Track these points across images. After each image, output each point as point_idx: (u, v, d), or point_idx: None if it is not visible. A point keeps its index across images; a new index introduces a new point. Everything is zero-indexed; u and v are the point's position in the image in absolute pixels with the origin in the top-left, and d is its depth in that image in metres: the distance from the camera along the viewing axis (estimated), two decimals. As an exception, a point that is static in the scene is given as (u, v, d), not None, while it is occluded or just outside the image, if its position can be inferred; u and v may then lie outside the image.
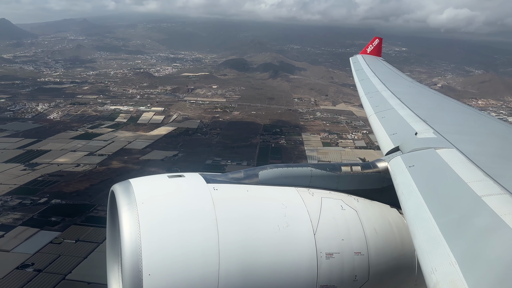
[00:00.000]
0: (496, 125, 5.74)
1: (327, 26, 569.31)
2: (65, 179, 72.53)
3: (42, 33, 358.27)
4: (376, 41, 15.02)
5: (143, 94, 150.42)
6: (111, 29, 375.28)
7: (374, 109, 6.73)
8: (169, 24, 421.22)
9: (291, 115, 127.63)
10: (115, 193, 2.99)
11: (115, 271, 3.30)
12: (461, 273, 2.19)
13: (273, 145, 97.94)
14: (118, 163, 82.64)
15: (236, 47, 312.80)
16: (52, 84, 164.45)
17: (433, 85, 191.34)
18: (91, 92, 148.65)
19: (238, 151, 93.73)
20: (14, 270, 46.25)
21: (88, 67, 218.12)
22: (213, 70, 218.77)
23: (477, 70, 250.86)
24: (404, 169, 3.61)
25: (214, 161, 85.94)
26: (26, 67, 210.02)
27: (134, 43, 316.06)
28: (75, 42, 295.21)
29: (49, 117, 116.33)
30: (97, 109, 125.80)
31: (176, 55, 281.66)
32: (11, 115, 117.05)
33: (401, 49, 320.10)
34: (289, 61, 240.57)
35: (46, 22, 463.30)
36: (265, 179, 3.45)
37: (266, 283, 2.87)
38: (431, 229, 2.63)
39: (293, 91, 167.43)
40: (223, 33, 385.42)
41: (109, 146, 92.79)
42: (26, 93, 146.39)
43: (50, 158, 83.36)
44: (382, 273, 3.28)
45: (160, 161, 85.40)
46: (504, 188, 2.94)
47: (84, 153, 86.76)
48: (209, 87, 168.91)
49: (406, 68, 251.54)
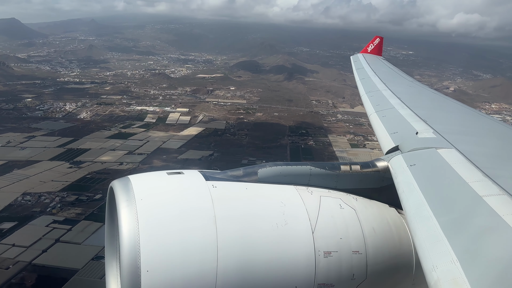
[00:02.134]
0: (495, 126, 5.75)
1: (333, 29, 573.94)
2: (112, 177, 74.49)
3: (51, 33, 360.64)
4: (377, 40, 14.98)
5: (164, 95, 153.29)
6: (119, 29, 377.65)
7: (375, 108, 6.74)
8: (176, 26, 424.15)
9: (313, 117, 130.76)
10: (114, 190, 3.02)
11: (114, 268, 3.34)
12: (463, 271, 2.21)
13: (302, 146, 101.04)
14: (159, 162, 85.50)
15: (245, 49, 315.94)
16: (73, 84, 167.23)
17: (445, 89, 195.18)
18: (114, 93, 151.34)
19: (270, 151, 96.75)
20: (90, 261, 49.07)
21: (103, 67, 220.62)
22: (226, 71, 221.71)
23: (485, 74, 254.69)
24: (405, 167, 3.64)
25: (249, 161, 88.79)
26: (42, 67, 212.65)
27: (144, 44, 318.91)
28: (86, 42, 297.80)
29: (79, 117, 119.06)
30: (124, 110, 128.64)
31: (186, 56, 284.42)
32: (41, 114, 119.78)
33: (408, 53, 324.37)
34: (301, 63, 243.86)
35: (54, 22, 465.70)
36: (264, 177, 3.48)
37: (264, 280, 2.90)
38: (432, 228, 2.65)
39: (309, 93, 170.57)
40: (231, 35, 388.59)
41: (146, 145, 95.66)
42: (49, 92, 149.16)
43: (92, 156, 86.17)
44: (380, 272, 3.30)
45: (198, 160, 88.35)
46: (503, 188, 2.98)
47: (123, 152, 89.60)
48: (227, 88, 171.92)
49: (416, 72, 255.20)
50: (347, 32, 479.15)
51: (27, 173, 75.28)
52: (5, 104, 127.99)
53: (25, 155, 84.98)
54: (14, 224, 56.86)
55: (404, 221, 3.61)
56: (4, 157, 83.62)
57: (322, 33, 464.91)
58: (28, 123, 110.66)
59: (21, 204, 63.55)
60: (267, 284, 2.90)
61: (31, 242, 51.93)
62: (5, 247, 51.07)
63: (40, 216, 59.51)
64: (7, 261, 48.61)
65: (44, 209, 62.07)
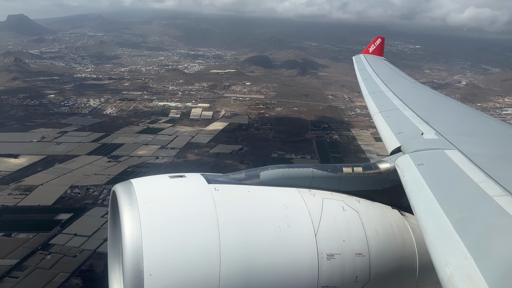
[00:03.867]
0: (495, 126, 5.76)
1: (338, 24, 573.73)
2: (152, 170, 77.84)
3: (59, 28, 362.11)
4: (378, 40, 14.99)
5: (183, 90, 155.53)
6: (127, 25, 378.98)
7: (379, 108, 6.76)
8: (183, 21, 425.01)
9: (333, 112, 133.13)
10: (117, 193, 3.04)
11: (116, 271, 3.34)
12: (477, 268, 2.20)
13: (328, 140, 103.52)
14: (193, 156, 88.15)
15: (253, 44, 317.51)
16: (91, 80, 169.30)
17: (457, 83, 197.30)
18: (133, 89, 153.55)
19: (296, 145, 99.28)
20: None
21: (116, 63, 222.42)
22: (238, 67, 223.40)
23: (494, 68, 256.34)
24: (413, 167, 3.63)
25: (279, 155, 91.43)
26: (56, 63, 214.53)
27: (153, 39, 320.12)
28: (95, 38, 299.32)
29: (105, 112, 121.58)
30: (147, 105, 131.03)
31: (196, 51, 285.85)
32: (68, 110, 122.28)
33: (415, 47, 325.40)
34: (312, 58, 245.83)
35: (60, 18, 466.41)
36: (266, 179, 3.49)
37: (267, 283, 2.89)
38: (444, 225, 2.65)
39: (324, 88, 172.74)
40: (238, 30, 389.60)
41: (176, 140, 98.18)
42: (70, 88, 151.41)
43: (128, 151, 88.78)
44: (383, 274, 3.30)
45: (229, 154, 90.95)
46: (505, 189, 3.00)
47: (157, 147, 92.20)
48: (242, 84, 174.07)
49: (425, 66, 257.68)
50: (353, 27, 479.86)
51: (69, 167, 77.98)
52: (30, 100, 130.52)
53: (62, 150, 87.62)
54: (71, 215, 59.67)
55: (407, 223, 3.62)
56: (43, 152, 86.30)
57: (327, 27, 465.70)
58: (57, 118, 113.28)
59: (71, 197, 66.31)
60: (270, 287, 2.91)
61: (91, 232, 54.67)
62: (68, 237, 53.91)
63: (93, 208, 62.25)
64: (73, 249, 51.43)
65: (95, 201, 64.80)
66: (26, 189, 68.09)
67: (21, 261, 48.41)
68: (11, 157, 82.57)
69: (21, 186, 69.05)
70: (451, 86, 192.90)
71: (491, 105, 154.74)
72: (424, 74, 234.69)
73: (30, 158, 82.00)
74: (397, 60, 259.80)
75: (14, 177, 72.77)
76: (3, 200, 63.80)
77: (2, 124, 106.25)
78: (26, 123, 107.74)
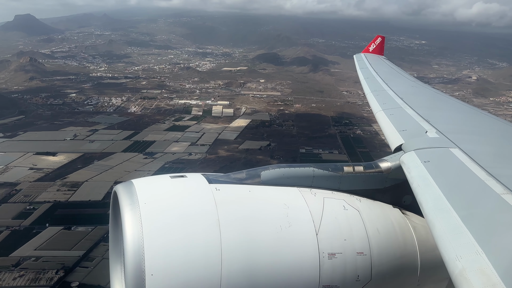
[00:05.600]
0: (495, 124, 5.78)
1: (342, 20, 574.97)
2: (189, 166, 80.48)
3: (66, 28, 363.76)
4: (378, 39, 14.97)
5: (200, 88, 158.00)
6: (133, 24, 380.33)
7: (382, 106, 6.75)
8: (188, 19, 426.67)
9: (352, 108, 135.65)
10: (118, 194, 3.04)
11: (118, 272, 3.34)
12: (490, 262, 2.19)
13: (351, 135, 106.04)
14: (224, 152, 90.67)
15: (260, 41, 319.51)
16: (108, 79, 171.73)
17: (467, 78, 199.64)
18: (151, 87, 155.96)
19: (321, 141, 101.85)
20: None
21: (127, 62, 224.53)
22: (249, 64, 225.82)
23: (501, 62, 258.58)
24: (419, 163, 3.61)
25: (307, 150, 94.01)
26: (69, 62, 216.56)
27: (160, 38, 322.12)
28: (103, 37, 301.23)
29: (129, 111, 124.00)
30: (168, 103, 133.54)
31: (203, 49, 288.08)
32: (93, 109, 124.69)
33: (421, 42, 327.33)
34: (321, 55, 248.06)
35: (66, 17, 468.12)
36: (267, 179, 3.49)
37: (269, 283, 2.90)
38: (453, 220, 2.64)
39: (338, 84, 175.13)
40: (243, 27, 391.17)
41: (204, 136, 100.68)
42: (89, 87, 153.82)
43: (160, 148, 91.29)
44: (385, 273, 3.29)
45: (258, 150, 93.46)
46: (507, 187, 3.00)
47: (187, 143, 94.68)
48: (256, 81, 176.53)
49: (433, 61, 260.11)
50: (358, 23, 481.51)
51: (108, 164, 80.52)
52: (54, 100, 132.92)
53: (97, 147, 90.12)
54: (122, 209, 62.07)
55: (408, 221, 3.62)
56: (78, 149, 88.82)
57: (331, 23, 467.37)
58: (83, 117, 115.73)
59: (118, 192, 68.73)
60: (271, 287, 2.92)
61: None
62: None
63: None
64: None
65: (142, 196, 67.21)
66: (73, 185, 70.64)
67: (87, 253, 51.02)
68: (49, 155, 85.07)
69: (67, 183, 71.60)
70: (462, 81, 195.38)
71: (504, 100, 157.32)
72: (433, 69, 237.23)
73: (67, 156, 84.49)
74: (405, 55, 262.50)
75: (58, 174, 75.31)
76: (53, 196, 66.38)
77: (32, 124, 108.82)
78: (55, 122, 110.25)
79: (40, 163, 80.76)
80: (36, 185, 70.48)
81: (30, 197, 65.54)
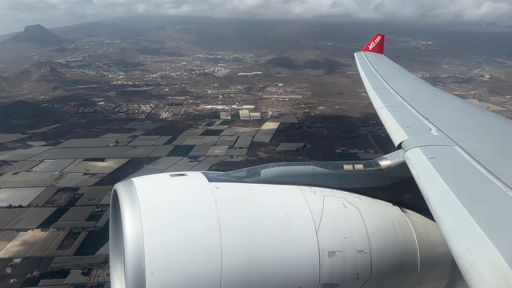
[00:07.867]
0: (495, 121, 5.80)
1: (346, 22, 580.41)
2: (231, 168, 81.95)
3: (75, 37, 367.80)
4: (378, 38, 14.96)
5: (222, 94, 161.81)
6: (141, 32, 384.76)
7: (384, 103, 6.75)
8: (195, 26, 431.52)
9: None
10: (118, 192, 3.04)
11: (118, 270, 3.36)
12: (502, 256, 2.16)
13: (382, 135, 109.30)
14: (263, 154, 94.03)
15: (268, 46, 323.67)
16: (130, 87, 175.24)
17: (480, 77, 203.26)
18: (175, 94, 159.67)
19: (354, 141, 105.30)
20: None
21: (143, 70, 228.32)
22: (263, 69, 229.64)
23: (509, 61, 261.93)
24: (425, 159, 3.57)
25: (342, 150, 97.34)
26: (86, 71, 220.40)
27: (170, 45, 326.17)
28: (114, 46, 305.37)
29: (161, 117, 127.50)
30: (196, 109, 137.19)
31: (214, 55, 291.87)
32: (125, 116, 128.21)
33: (427, 43, 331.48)
34: (333, 57, 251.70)
35: (73, 26, 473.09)
36: (267, 177, 3.49)
37: (269, 281, 2.91)
38: (462, 215, 2.61)
39: (355, 86, 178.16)
40: (250, 32, 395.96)
41: (240, 140, 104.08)
42: (114, 96, 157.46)
43: (202, 151, 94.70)
44: (385, 271, 3.29)
45: (295, 151, 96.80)
46: (507, 185, 3.00)
47: (225, 146, 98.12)
48: (275, 85, 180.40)
49: (443, 61, 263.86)
50: (361, 25, 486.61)
51: (158, 168, 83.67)
52: (84, 108, 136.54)
53: (141, 152, 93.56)
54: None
55: (408, 219, 3.64)
56: (124, 155, 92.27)
57: (336, 26, 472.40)
58: (118, 124, 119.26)
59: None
60: (271, 285, 2.92)
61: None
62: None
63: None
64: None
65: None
66: (130, 188, 73.78)
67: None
68: (97, 160, 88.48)
69: (124, 186, 74.75)
70: (475, 80, 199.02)
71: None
72: (444, 69, 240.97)
73: (116, 161, 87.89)
74: (414, 56, 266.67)
75: (113, 178, 78.41)
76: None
77: (69, 131, 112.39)
78: (91, 130, 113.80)
79: (92, 168, 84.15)
80: (96, 189, 73.90)
81: (94, 200, 68.98)
